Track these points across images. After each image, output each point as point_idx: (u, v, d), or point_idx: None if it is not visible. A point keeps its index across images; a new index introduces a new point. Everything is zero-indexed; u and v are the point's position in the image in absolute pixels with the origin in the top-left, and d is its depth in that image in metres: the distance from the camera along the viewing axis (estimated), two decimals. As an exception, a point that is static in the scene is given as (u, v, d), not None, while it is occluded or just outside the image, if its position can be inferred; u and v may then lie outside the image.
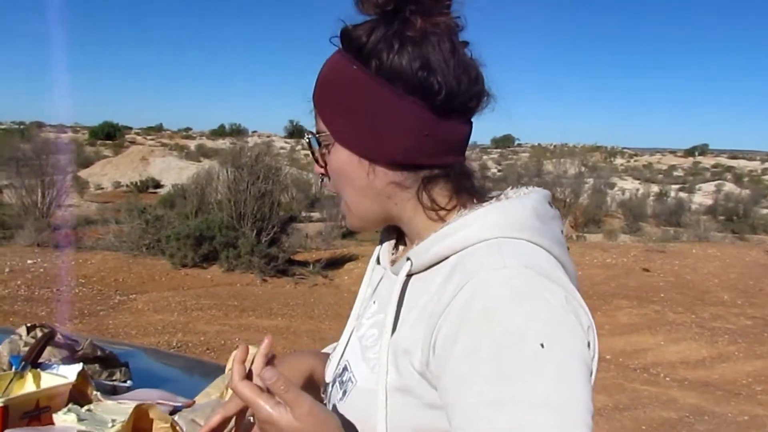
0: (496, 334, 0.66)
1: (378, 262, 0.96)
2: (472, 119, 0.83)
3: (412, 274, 0.81)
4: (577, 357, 0.67)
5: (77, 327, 6.98)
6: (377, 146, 0.79)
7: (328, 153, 0.83)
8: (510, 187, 0.86)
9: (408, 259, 0.81)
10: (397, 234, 0.94)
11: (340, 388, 0.86)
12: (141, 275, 9.60)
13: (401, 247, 0.93)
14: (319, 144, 0.83)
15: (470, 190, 0.83)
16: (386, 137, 0.78)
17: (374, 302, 0.91)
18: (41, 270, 9.21)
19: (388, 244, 0.95)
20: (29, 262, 9.58)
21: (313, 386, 0.98)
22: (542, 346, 0.65)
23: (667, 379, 6.77)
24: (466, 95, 0.79)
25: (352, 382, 0.84)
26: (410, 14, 0.77)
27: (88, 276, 9.25)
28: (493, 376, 0.65)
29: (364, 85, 0.78)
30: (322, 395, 0.94)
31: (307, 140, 0.85)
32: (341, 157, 0.81)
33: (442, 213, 0.82)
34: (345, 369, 0.87)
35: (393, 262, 0.91)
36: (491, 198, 0.83)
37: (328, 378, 0.91)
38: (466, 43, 0.81)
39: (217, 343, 6.70)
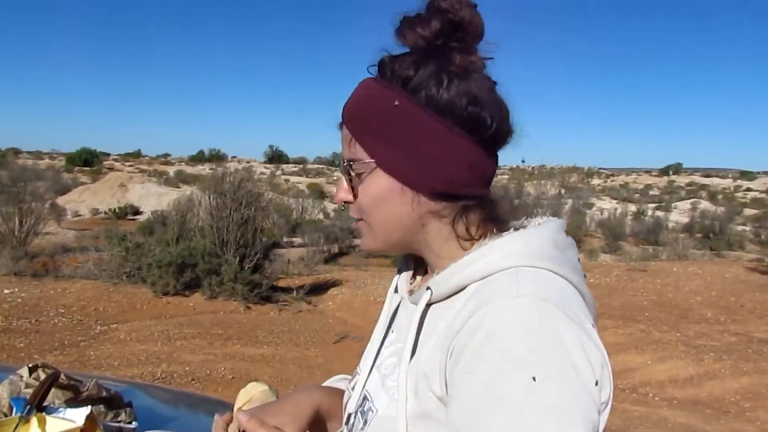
0: (495, 359, 0.68)
1: (396, 291, 0.98)
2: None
3: (431, 303, 0.83)
4: (574, 395, 0.66)
5: (58, 359, 6.81)
6: (423, 176, 0.81)
7: (362, 180, 0.84)
8: (525, 217, 0.89)
9: (428, 288, 0.82)
10: (414, 263, 0.96)
11: (362, 418, 0.87)
12: (122, 304, 9.43)
13: (418, 277, 0.96)
14: (353, 171, 0.84)
15: (495, 219, 0.86)
16: (433, 168, 0.80)
17: (392, 331, 0.93)
18: (19, 300, 9.01)
19: (407, 274, 0.97)
20: (6, 291, 9.37)
21: (320, 421, 0.98)
22: (534, 379, 0.65)
23: (656, 398, 6.78)
24: (506, 130, 0.84)
25: (372, 412, 0.86)
26: (451, 51, 0.81)
27: (67, 305, 9.07)
28: (482, 400, 0.67)
29: (414, 116, 0.80)
30: (344, 427, 0.94)
31: (346, 165, 0.85)
32: (381, 184, 0.83)
33: (472, 243, 0.84)
34: (365, 399, 0.89)
35: (411, 292, 0.93)
36: (510, 228, 0.85)
37: (350, 409, 0.92)
38: (495, 83, 0.85)
39: (202, 373, 6.58)
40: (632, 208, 31.66)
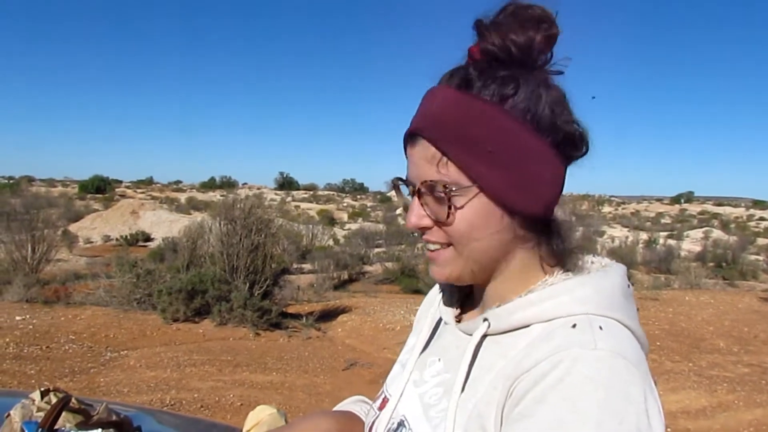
0: (561, 408, 0.65)
1: (439, 317, 0.93)
2: None
3: (486, 335, 0.79)
4: None
5: (68, 386, 6.82)
6: (525, 199, 0.76)
7: (455, 204, 0.76)
8: (590, 255, 0.85)
9: (485, 320, 0.79)
10: (458, 290, 0.92)
11: None
12: (132, 331, 9.45)
13: (468, 309, 0.91)
14: (443, 193, 0.76)
15: (566, 250, 0.83)
16: (534, 190, 0.76)
17: (439, 359, 0.87)
18: (30, 327, 9.05)
19: (449, 300, 0.93)
20: (18, 318, 9.42)
21: None
22: None
23: (669, 429, 6.68)
24: (587, 149, 0.80)
25: None
26: (541, 65, 0.78)
27: (78, 332, 9.10)
28: None
29: (516, 135, 0.74)
30: None
31: (427, 187, 0.77)
32: (482, 209, 0.76)
33: (552, 269, 0.81)
34: (401, 424, 0.85)
35: (458, 319, 0.89)
36: (575, 265, 0.81)
37: (380, 430, 0.88)
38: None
39: (211, 400, 6.56)
40: (644, 236, 31.53)
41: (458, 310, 0.92)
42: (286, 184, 78.57)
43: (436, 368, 0.87)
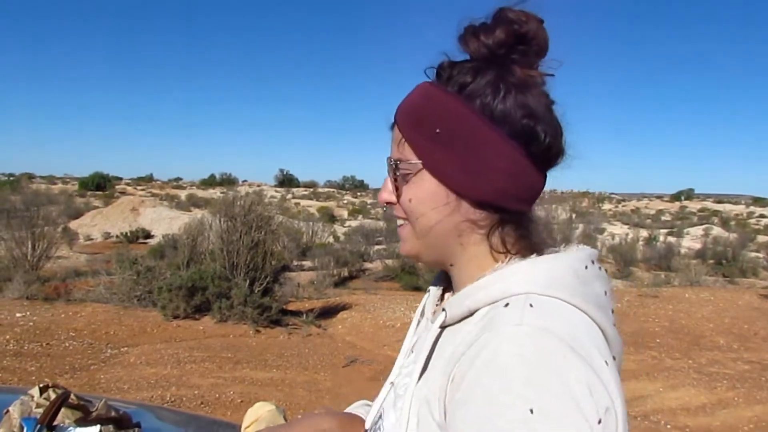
0: (493, 389, 0.66)
1: (423, 310, 0.97)
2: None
3: (447, 326, 0.81)
4: (574, 429, 0.63)
5: (68, 382, 6.82)
6: (471, 183, 0.79)
7: (407, 181, 0.83)
8: (564, 244, 0.86)
9: (443, 309, 0.81)
10: (446, 281, 0.94)
11: None
12: (132, 328, 9.45)
13: (447, 295, 0.94)
14: (400, 171, 0.83)
15: (530, 240, 0.84)
16: (482, 176, 0.79)
17: (413, 352, 0.92)
18: (30, 324, 9.05)
19: (435, 294, 0.96)
20: (18, 315, 9.43)
21: None
22: (532, 411, 0.63)
23: (668, 426, 6.69)
24: (558, 149, 0.83)
25: (380, 430, 0.86)
26: (512, 63, 0.81)
27: (78, 329, 9.10)
28: (478, 430, 0.65)
29: (469, 122, 0.79)
30: None
31: (390, 166, 0.85)
32: (427, 186, 0.82)
33: (505, 256, 0.82)
34: (380, 417, 0.89)
35: (435, 312, 0.92)
36: (544, 253, 0.82)
37: (367, 425, 0.93)
38: (553, 101, 0.84)
39: (211, 397, 6.57)
40: (644, 233, 31.54)
41: (439, 303, 0.95)
42: (286, 181, 78.57)
43: (409, 359, 0.91)
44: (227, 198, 12.80)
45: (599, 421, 0.65)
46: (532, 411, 0.63)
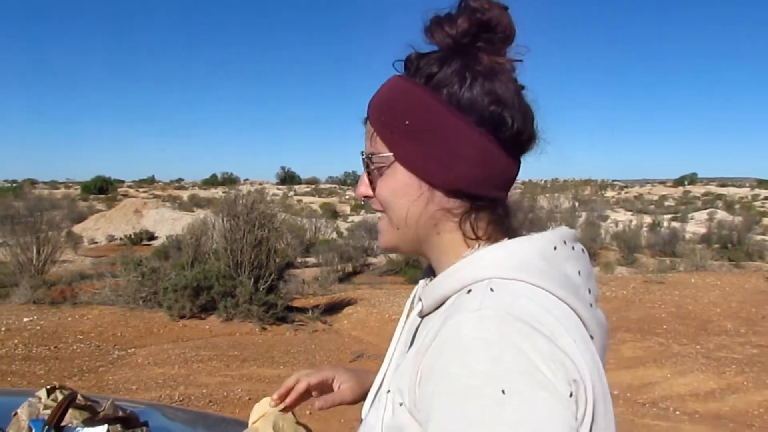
0: (461, 377, 0.66)
1: (413, 300, 0.98)
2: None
3: (424, 315, 0.83)
4: (543, 408, 0.63)
5: (77, 384, 6.84)
6: (442, 172, 0.80)
7: (381, 174, 0.84)
8: (540, 230, 0.86)
9: (420, 299, 0.83)
10: (434, 273, 0.95)
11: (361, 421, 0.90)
12: (139, 329, 9.48)
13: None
14: (373, 164, 0.85)
15: (506, 227, 0.85)
16: (452, 165, 0.80)
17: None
18: (38, 328, 9.08)
19: (424, 283, 0.96)
20: (25, 320, 9.45)
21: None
22: (503, 392, 0.63)
23: (677, 412, 6.68)
24: (528, 134, 0.83)
25: (364, 418, 0.88)
26: (478, 50, 0.81)
27: (85, 332, 9.13)
28: (454, 419, 0.65)
29: (436, 112, 0.79)
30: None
31: (366, 159, 0.86)
32: (400, 178, 0.83)
33: (479, 243, 0.82)
34: (370, 408, 0.90)
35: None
36: (509, 237, 0.83)
37: (363, 414, 0.94)
38: (523, 87, 0.84)
39: (219, 395, 6.58)
40: (648, 219, 31.47)
41: None
42: (288, 178, 78.56)
43: (398, 351, 0.92)
44: (229, 197, 12.81)
45: (570, 394, 0.66)
46: (503, 392, 0.63)
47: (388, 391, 0.79)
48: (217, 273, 10.33)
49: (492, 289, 0.73)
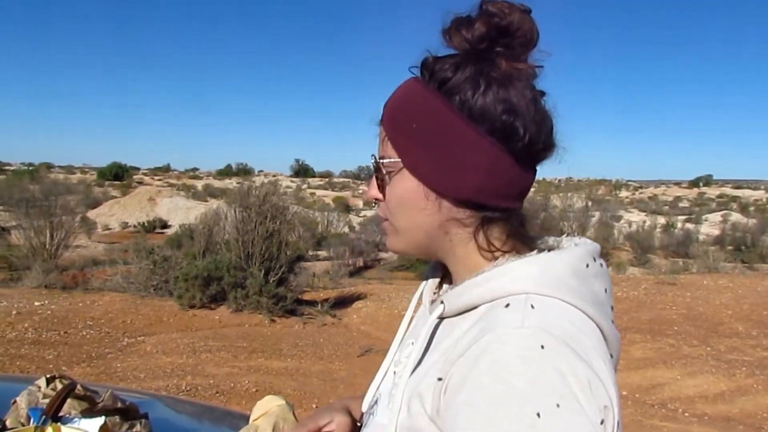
0: (498, 392, 0.65)
1: (420, 297, 0.97)
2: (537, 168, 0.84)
3: (444, 318, 0.81)
4: (580, 430, 0.63)
5: (85, 370, 6.90)
6: (450, 181, 0.79)
7: (390, 179, 0.83)
8: (559, 237, 0.86)
9: (442, 302, 0.81)
10: (443, 271, 0.94)
11: (368, 419, 0.89)
12: (149, 317, 9.54)
13: (445, 286, 0.93)
14: (382, 169, 0.83)
15: (523, 236, 0.83)
16: (461, 174, 0.78)
17: (412, 342, 0.90)
18: (48, 312, 9.16)
19: (433, 282, 0.95)
20: (37, 304, 9.55)
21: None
22: (538, 415, 0.63)
23: (686, 414, 6.63)
24: (542, 144, 0.80)
25: (373, 415, 0.87)
26: (496, 56, 0.79)
27: (95, 318, 9.20)
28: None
29: (447, 120, 0.78)
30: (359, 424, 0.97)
31: (374, 163, 0.85)
32: (407, 185, 0.81)
33: (497, 254, 0.81)
34: (376, 403, 0.89)
35: (434, 301, 0.91)
36: (537, 248, 0.82)
37: (364, 408, 0.93)
38: (543, 93, 0.81)
39: (226, 386, 6.61)
40: (661, 220, 31.27)
41: (437, 292, 0.94)
42: (302, 171, 78.65)
43: (409, 350, 0.89)
44: (243, 188, 12.83)
45: (601, 422, 0.65)
46: (539, 415, 0.63)
47: (403, 392, 0.78)
48: (228, 264, 10.37)
49: (533, 306, 0.72)
